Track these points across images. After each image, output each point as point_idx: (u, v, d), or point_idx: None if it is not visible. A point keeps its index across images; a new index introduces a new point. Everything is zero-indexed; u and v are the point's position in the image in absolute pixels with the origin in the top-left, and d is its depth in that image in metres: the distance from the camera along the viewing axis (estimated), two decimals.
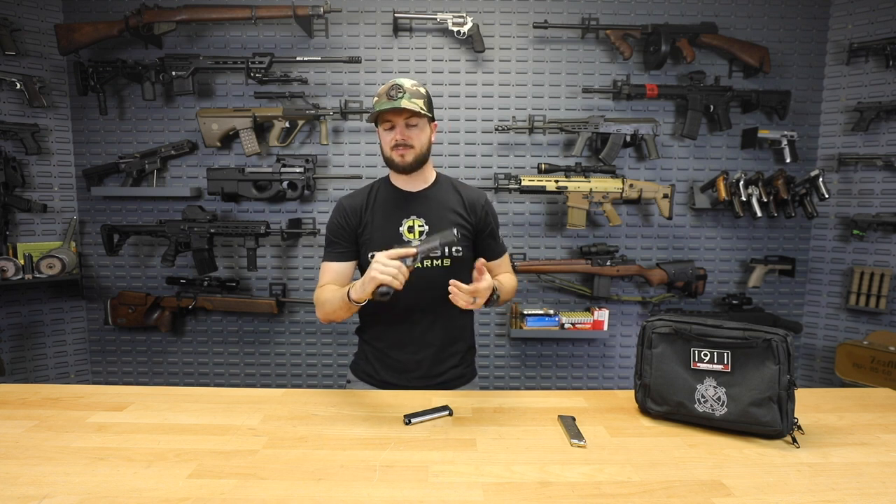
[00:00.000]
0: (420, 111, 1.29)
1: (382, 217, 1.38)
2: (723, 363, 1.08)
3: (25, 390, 1.31)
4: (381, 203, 1.40)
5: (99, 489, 0.87)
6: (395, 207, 1.38)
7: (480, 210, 1.42)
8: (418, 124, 1.32)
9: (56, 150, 2.39)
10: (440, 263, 1.36)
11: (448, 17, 2.29)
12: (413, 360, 1.39)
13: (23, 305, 2.40)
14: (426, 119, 1.33)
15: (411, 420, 1.13)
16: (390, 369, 1.41)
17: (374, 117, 1.32)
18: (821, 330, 2.51)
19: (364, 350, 1.47)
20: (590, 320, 2.38)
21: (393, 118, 1.30)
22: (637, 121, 2.33)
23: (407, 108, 1.26)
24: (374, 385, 1.42)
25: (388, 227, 1.37)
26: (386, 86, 1.30)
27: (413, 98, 1.29)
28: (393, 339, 1.40)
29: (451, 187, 1.44)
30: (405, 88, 1.29)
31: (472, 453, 1.00)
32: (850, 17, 2.36)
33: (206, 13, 2.21)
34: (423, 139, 1.34)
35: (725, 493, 0.87)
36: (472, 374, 1.50)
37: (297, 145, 2.41)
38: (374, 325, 1.42)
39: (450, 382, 1.42)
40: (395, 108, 1.26)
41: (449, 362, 1.42)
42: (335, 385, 2.55)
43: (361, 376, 1.46)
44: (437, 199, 1.40)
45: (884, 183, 2.33)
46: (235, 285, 2.42)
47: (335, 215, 1.40)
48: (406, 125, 1.31)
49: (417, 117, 1.31)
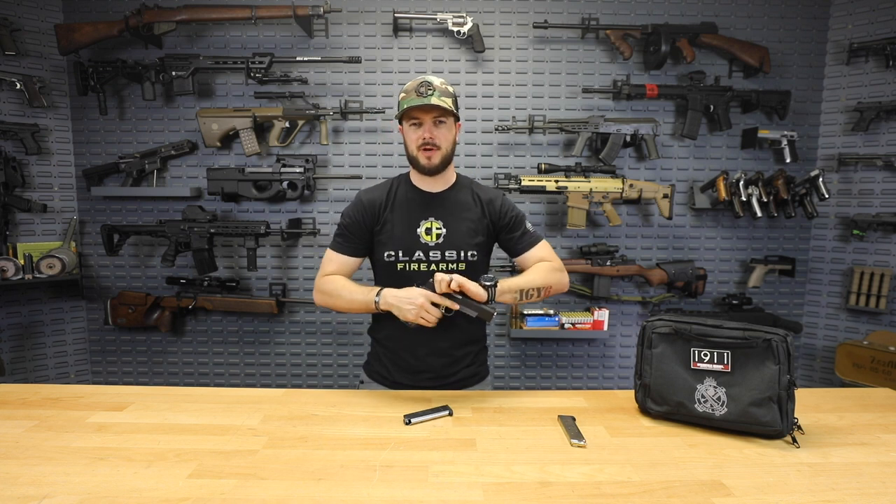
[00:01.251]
0: (448, 107, 1.27)
1: (401, 217, 1.36)
2: (723, 363, 1.08)
3: (25, 390, 1.31)
4: (401, 203, 1.38)
5: (99, 489, 0.87)
6: (415, 209, 1.37)
7: (498, 207, 1.40)
8: (446, 122, 1.31)
9: (56, 150, 2.39)
10: (455, 267, 1.35)
11: (448, 17, 2.29)
12: (426, 362, 1.39)
13: (23, 305, 2.40)
14: (453, 118, 1.32)
15: (411, 420, 1.13)
16: (403, 370, 1.41)
17: (401, 114, 1.30)
18: (821, 330, 2.51)
19: (377, 351, 1.46)
20: (590, 320, 2.38)
21: (421, 115, 1.28)
22: (637, 121, 2.33)
23: (438, 105, 1.25)
24: (386, 386, 1.43)
25: (407, 228, 1.36)
26: (415, 82, 1.28)
27: (443, 96, 1.27)
28: (406, 342, 1.39)
29: (470, 188, 1.42)
30: (435, 86, 1.27)
31: (472, 453, 1.00)
32: (850, 17, 2.36)
33: (206, 13, 2.21)
34: (449, 139, 1.33)
35: (725, 493, 0.87)
36: (485, 372, 1.50)
37: (297, 145, 2.41)
38: (388, 326, 1.41)
39: (462, 381, 1.42)
40: (425, 104, 1.25)
41: (462, 363, 1.42)
42: (335, 385, 2.55)
43: (374, 377, 1.46)
44: (457, 202, 1.39)
45: (884, 183, 2.33)
46: (235, 285, 2.42)
47: (353, 209, 1.39)
48: (434, 123, 1.29)
49: (446, 115, 1.30)
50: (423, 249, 1.35)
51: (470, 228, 1.37)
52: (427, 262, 1.36)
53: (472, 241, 1.37)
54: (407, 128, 1.32)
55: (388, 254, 1.36)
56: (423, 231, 1.35)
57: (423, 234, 1.35)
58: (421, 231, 1.35)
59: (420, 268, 1.36)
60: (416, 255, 1.35)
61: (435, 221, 1.36)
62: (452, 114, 1.30)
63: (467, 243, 1.35)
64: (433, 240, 1.35)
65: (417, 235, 1.35)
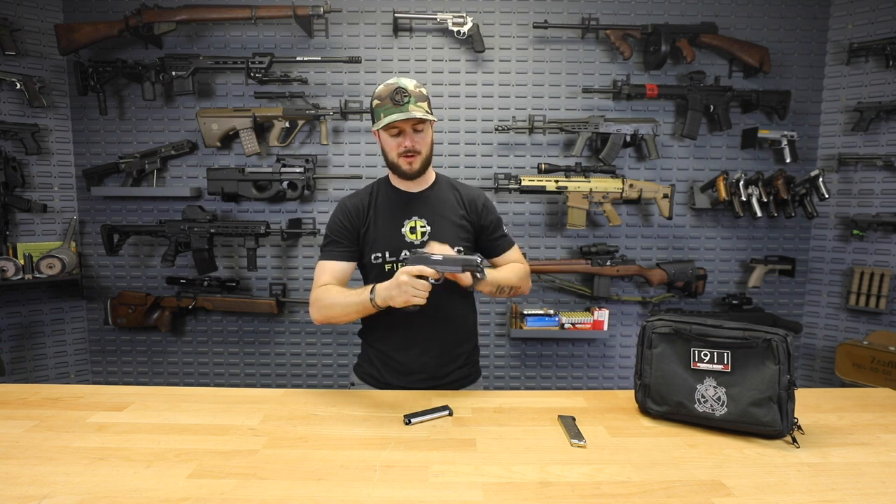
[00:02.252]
0: (428, 117, 1.27)
1: (384, 218, 1.37)
2: (723, 363, 1.08)
3: (25, 390, 1.31)
4: (383, 204, 1.39)
5: (99, 489, 0.87)
6: (397, 209, 1.38)
7: (480, 208, 1.42)
8: (424, 129, 1.31)
9: (56, 150, 2.39)
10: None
11: (448, 17, 2.29)
12: (417, 363, 1.38)
13: (23, 305, 2.40)
14: (430, 122, 1.32)
15: (411, 420, 1.13)
16: (394, 371, 1.40)
17: (380, 126, 1.28)
18: (821, 330, 2.51)
19: (367, 352, 1.46)
20: (590, 320, 2.38)
21: (400, 125, 1.27)
22: (637, 121, 2.33)
23: (416, 115, 1.24)
24: (377, 387, 1.42)
25: (391, 228, 1.36)
26: (387, 88, 1.27)
27: (418, 102, 1.26)
28: (396, 342, 1.39)
29: (450, 187, 1.44)
30: (409, 91, 1.26)
31: (472, 453, 1.00)
32: (850, 17, 2.36)
33: (206, 13, 2.21)
34: (428, 142, 1.34)
35: (725, 493, 0.87)
36: (476, 374, 1.50)
37: (297, 145, 2.41)
38: (377, 327, 1.41)
39: (454, 383, 1.42)
40: (404, 116, 1.24)
41: (453, 364, 1.42)
42: (335, 385, 2.55)
43: (365, 378, 1.45)
44: (438, 199, 1.40)
45: (884, 183, 2.33)
46: (235, 285, 2.42)
47: (338, 215, 1.39)
48: (414, 131, 1.29)
49: (423, 123, 1.29)
50: (409, 248, 1.35)
51: (455, 224, 1.38)
52: None
53: (457, 236, 1.37)
54: (385, 136, 1.31)
55: (376, 255, 1.36)
56: (408, 230, 1.36)
57: (408, 234, 1.36)
58: (405, 230, 1.36)
59: None
60: (403, 254, 1.34)
61: (419, 220, 1.37)
62: (430, 119, 1.29)
63: (452, 240, 1.35)
64: (418, 238, 1.36)
65: (402, 235, 1.36)
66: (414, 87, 1.28)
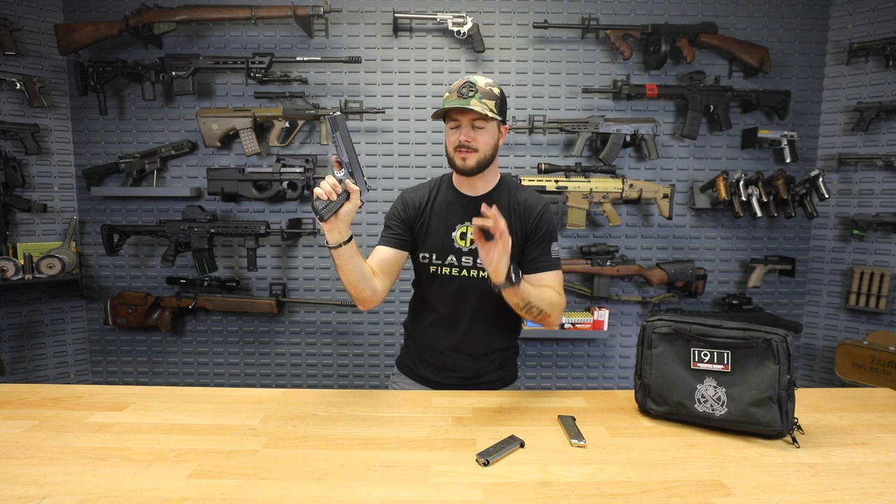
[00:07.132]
0: (489, 114, 1.22)
1: (438, 219, 1.35)
2: (723, 363, 1.08)
3: (25, 390, 1.31)
4: (440, 205, 1.36)
5: (99, 489, 0.87)
6: (451, 212, 1.35)
7: (534, 216, 1.32)
8: (485, 127, 1.26)
9: (56, 150, 2.39)
10: (487, 275, 1.23)
11: (448, 17, 2.29)
12: (451, 362, 1.39)
13: (23, 305, 2.40)
14: (496, 122, 1.27)
15: (489, 461, 0.97)
16: (429, 366, 1.42)
17: (441, 113, 1.27)
18: (821, 330, 2.51)
19: (408, 344, 1.49)
20: (590, 320, 2.37)
21: (460, 117, 1.25)
22: (637, 121, 2.33)
23: (474, 109, 1.21)
24: (412, 378, 1.44)
25: (443, 231, 1.34)
26: (459, 81, 1.25)
27: (484, 98, 1.23)
28: (433, 338, 1.40)
29: (510, 191, 1.36)
30: (478, 87, 1.23)
31: (472, 453, 1.00)
32: (850, 17, 2.36)
33: (206, 13, 2.21)
34: (488, 142, 1.27)
35: (725, 493, 0.87)
36: (511, 377, 1.48)
37: (297, 145, 2.41)
38: (418, 321, 1.43)
39: (487, 385, 1.41)
40: (461, 107, 1.21)
41: (488, 366, 1.41)
42: (335, 385, 2.55)
43: (403, 369, 1.49)
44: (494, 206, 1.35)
45: (884, 183, 2.33)
46: (235, 285, 2.42)
47: (397, 204, 1.39)
48: (472, 126, 1.25)
49: (485, 120, 1.25)
50: (456, 254, 1.33)
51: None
52: (459, 266, 1.34)
53: None
54: (447, 129, 1.30)
55: (424, 255, 1.36)
56: (458, 236, 1.34)
57: (458, 239, 1.33)
58: (456, 235, 1.34)
59: (452, 272, 1.35)
60: (449, 259, 1.33)
61: (471, 226, 1.31)
62: (493, 118, 1.24)
63: None
64: (467, 245, 1.33)
65: (452, 239, 1.34)
66: (484, 84, 1.25)
